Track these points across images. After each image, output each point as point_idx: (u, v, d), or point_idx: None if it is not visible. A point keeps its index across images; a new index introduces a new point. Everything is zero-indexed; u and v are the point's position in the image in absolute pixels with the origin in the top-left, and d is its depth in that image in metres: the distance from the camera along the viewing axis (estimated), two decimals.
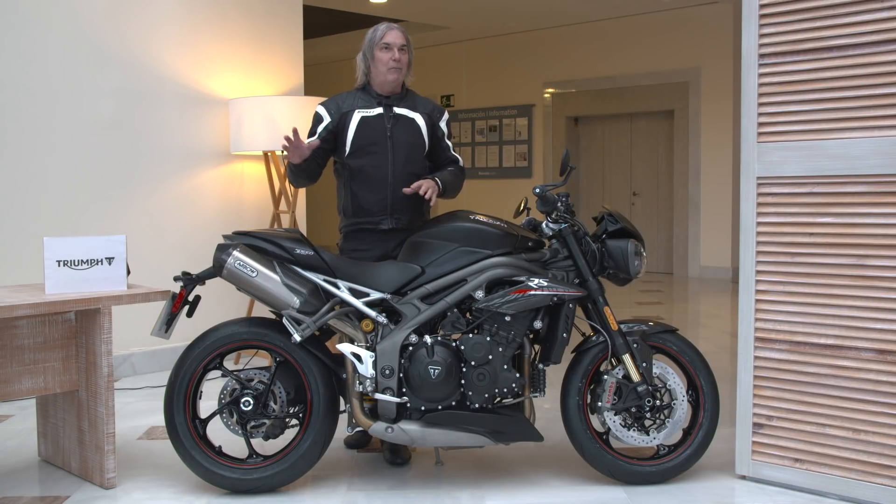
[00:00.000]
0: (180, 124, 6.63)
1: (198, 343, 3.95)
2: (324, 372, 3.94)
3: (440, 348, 3.86)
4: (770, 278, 4.02)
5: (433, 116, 4.39)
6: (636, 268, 4.02)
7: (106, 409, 4.01)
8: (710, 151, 12.24)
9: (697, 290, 11.24)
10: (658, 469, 4.05)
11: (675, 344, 4.08)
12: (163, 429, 4.62)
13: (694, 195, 12.44)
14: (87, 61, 6.12)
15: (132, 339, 6.25)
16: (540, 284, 3.85)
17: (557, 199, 4.03)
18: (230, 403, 3.93)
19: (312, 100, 6.29)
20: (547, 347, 3.97)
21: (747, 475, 4.11)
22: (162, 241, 6.51)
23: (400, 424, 3.88)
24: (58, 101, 6.00)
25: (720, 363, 6.17)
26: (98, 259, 4.09)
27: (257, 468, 3.94)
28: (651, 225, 13.09)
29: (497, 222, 4.01)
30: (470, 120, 14.95)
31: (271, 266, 3.89)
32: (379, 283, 3.93)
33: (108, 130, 6.24)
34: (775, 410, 4.02)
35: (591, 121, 13.87)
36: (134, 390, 5.90)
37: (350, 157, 4.27)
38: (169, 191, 6.58)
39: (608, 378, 3.99)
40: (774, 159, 3.97)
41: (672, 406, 4.02)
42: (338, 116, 4.27)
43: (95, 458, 4.08)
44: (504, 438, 3.94)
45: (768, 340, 4.03)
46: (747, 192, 4.06)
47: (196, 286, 3.97)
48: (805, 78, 3.89)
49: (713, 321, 8.73)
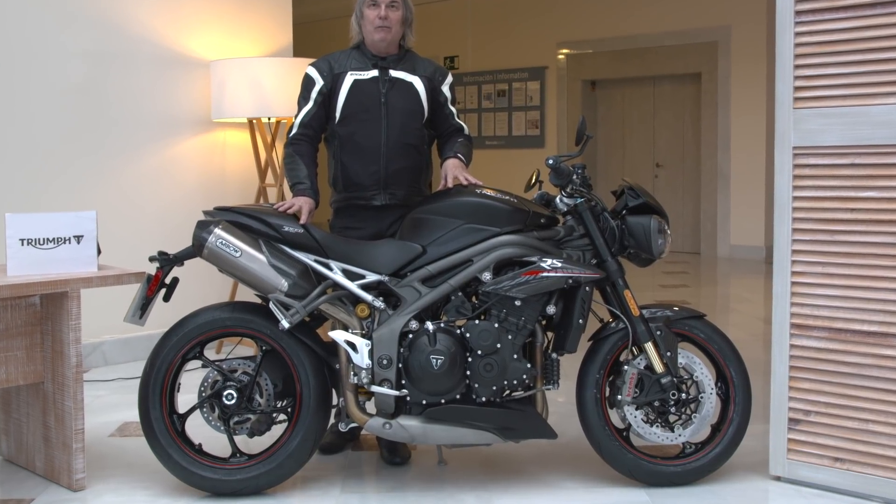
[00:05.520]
0: (156, 89, 6.61)
1: (175, 330, 3.95)
2: (315, 362, 3.94)
3: (443, 336, 3.86)
4: (807, 259, 4.01)
5: (434, 80, 4.37)
6: (660, 247, 4.01)
7: (74, 403, 4.01)
8: (741, 119, 12.20)
9: (727, 271, 11.24)
10: (684, 469, 4.06)
11: (702, 331, 4.08)
12: (137, 425, 4.62)
13: (723, 167, 12.42)
14: (51, 19, 6.09)
15: (103, 326, 6.25)
16: (553, 265, 3.84)
17: (573, 171, 4.02)
18: (211, 397, 3.93)
19: (302, 61, 6.26)
20: (561, 335, 3.97)
21: (782, 476, 4.11)
22: (136, 217, 6.50)
23: (399, 420, 3.88)
24: (18, 63, 5.97)
25: (752, 352, 6.16)
26: (65, 237, 4.08)
27: (241, 468, 3.94)
28: (676, 200, 13.08)
29: (506, 197, 4.01)
30: (476, 84, 14.92)
31: (257, 245, 3.88)
32: (376, 264, 3.92)
33: (75, 96, 6.22)
34: (813, 405, 4.02)
35: (610, 85, 13.84)
36: (105, 382, 5.92)
37: (340, 125, 4.26)
38: (143, 162, 6.57)
39: (629, 369, 3.99)
40: (812, 127, 3.95)
41: (699, 400, 4.02)
42: (331, 78, 4.25)
43: (62, 457, 4.08)
44: (513, 435, 3.94)
45: (805, 327, 4.02)
46: (782, 164, 4.04)
47: (174, 267, 3.97)
48: (847, 37, 3.86)
49: (744, 306, 8.73)
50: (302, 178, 4.17)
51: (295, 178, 4.19)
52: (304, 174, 4.18)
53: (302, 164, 4.21)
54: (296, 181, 4.18)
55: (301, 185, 4.16)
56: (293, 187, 4.19)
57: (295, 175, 4.20)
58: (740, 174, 12.25)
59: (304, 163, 4.21)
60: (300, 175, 4.18)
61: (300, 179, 4.18)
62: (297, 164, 4.21)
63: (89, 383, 5.77)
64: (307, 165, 4.21)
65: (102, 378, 6.00)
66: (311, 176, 4.20)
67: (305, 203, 4.04)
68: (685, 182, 13.15)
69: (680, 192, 13.16)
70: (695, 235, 12.98)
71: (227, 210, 3.98)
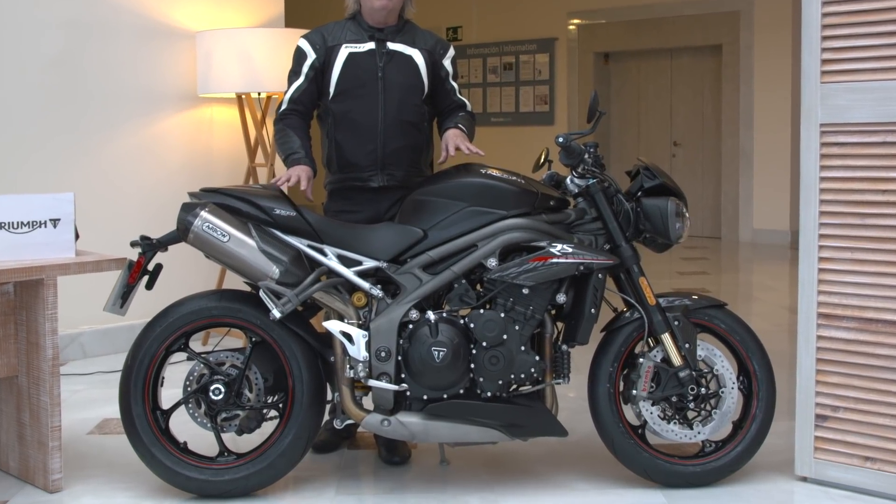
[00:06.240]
0: (138, 62, 6.60)
1: (159, 320, 3.95)
2: (308, 354, 3.95)
3: (446, 326, 3.87)
4: (836, 244, 4.00)
5: (435, 53, 4.36)
6: (677, 231, 4.02)
7: (50, 399, 4.02)
8: (765, 94, 12.18)
9: (750, 257, 11.25)
10: (703, 469, 4.07)
11: (723, 321, 4.08)
12: (117, 421, 4.63)
13: (746, 146, 12.41)
14: None
15: (81, 316, 6.26)
16: (564, 251, 3.84)
17: (584, 150, 4.01)
18: (197, 392, 3.93)
19: (294, 32, 6.24)
20: (572, 325, 3.98)
21: (808, 476, 4.12)
22: (116, 199, 6.51)
23: (398, 416, 3.89)
24: None
25: (777, 344, 6.16)
26: (41, 221, 4.08)
27: (229, 468, 3.95)
28: (695, 181, 13.07)
29: (513, 177, 4.01)
30: (481, 57, 14.91)
31: (246, 229, 3.88)
32: (373, 250, 3.93)
33: (51, 69, 6.21)
34: (842, 400, 4.02)
35: (625, 57, 13.84)
36: (83, 376, 5.93)
37: (334, 101, 4.26)
38: (124, 140, 6.56)
39: (644, 362, 4.00)
40: (841, 103, 3.95)
41: (720, 395, 4.03)
42: (324, 51, 4.25)
43: (38, 456, 4.09)
44: (521, 433, 3.95)
45: (834, 317, 4.02)
46: (808, 143, 4.04)
47: (157, 253, 3.97)
48: (879, 6, 3.85)
49: (768, 294, 8.74)
50: (295, 147, 4.17)
51: (288, 150, 4.18)
52: (298, 144, 4.18)
53: (294, 135, 4.20)
54: (289, 152, 4.18)
55: (295, 155, 4.16)
56: (287, 159, 4.18)
57: (288, 147, 4.19)
58: (764, 153, 12.24)
59: (297, 134, 4.21)
60: (293, 146, 4.18)
61: (294, 150, 4.17)
62: (288, 136, 4.21)
63: (66, 377, 5.77)
64: (300, 137, 4.21)
65: (81, 371, 6.02)
66: (306, 146, 4.19)
67: (303, 171, 4.05)
68: (705, 162, 13.14)
69: (699, 172, 13.16)
70: (715, 219, 12.98)
71: (214, 191, 3.98)
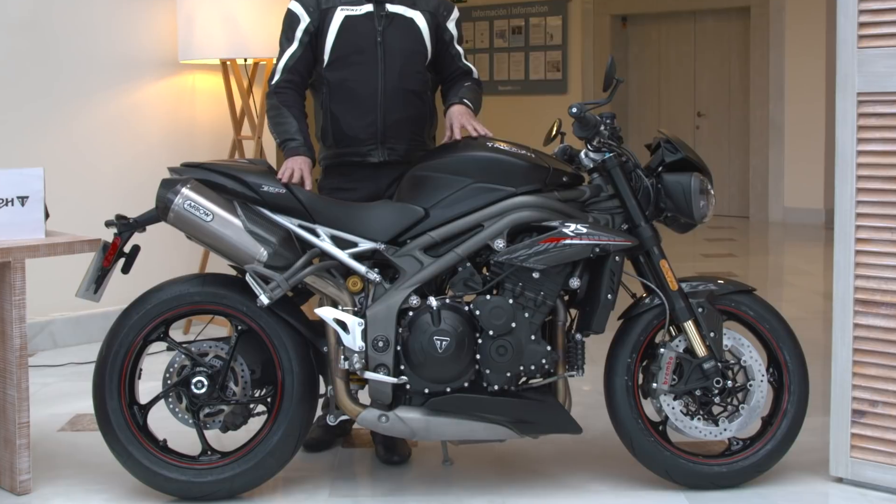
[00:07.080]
0: (113, 25, 6.60)
1: (136, 307, 3.95)
2: (299, 344, 3.95)
3: (449, 314, 3.86)
4: (874, 223, 4.00)
5: (438, 16, 4.36)
6: (701, 210, 4.01)
7: (18, 393, 4.02)
8: (797, 60, 12.18)
9: (780, 238, 11.26)
10: (729, 469, 4.07)
11: (751, 308, 4.08)
12: (91, 417, 4.62)
13: (776, 117, 12.41)
14: None
15: (52, 303, 6.27)
16: (577, 231, 3.83)
17: (600, 121, 4.00)
18: (178, 385, 3.94)
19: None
20: (587, 313, 3.98)
21: (844, 477, 4.12)
22: (90, 175, 6.52)
23: (397, 412, 3.89)
24: None
25: (810, 333, 6.16)
26: (7, 199, 4.08)
27: (213, 468, 3.95)
28: (721, 155, 13.09)
29: (522, 151, 4.00)
30: (487, 19, 14.92)
31: (231, 208, 3.87)
32: (370, 230, 3.92)
33: (18, 33, 6.21)
34: (880, 394, 4.02)
35: (644, 20, 13.85)
36: (54, 368, 5.95)
37: (329, 69, 4.25)
38: (98, 110, 6.57)
39: (665, 352, 3.99)
40: (880, 70, 3.94)
41: (748, 388, 4.03)
42: (318, 14, 4.23)
43: (4, 455, 4.10)
44: (531, 430, 3.95)
45: (871, 303, 4.02)
46: (844, 113, 4.03)
47: (134, 234, 3.97)
48: None
49: (801, 279, 8.75)
50: (293, 132, 4.15)
51: (284, 134, 4.17)
52: (295, 128, 4.16)
53: (290, 116, 4.18)
54: (285, 137, 4.16)
55: (293, 143, 4.14)
56: (282, 145, 4.16)
57: (284, 130, 4.17)
58: (796, 125, 12.24)
59: (293, 115, 4.19)
60: (290, 130, 4.16)
61: (291, 135, 4.15)
62: (284, 116, 4.19)
63: (35, 369, 5.79)
64: (297, 118, 4.19)
65: (51, 363, 6.03)
66: (303, 130, 4.18)
67: (304, 164, 4.03)
68: (731, 134, 13.15)
69: (725, 145, 13.17)
70: (743, 196, 13.00)
71: (196, 166, 3.97)
